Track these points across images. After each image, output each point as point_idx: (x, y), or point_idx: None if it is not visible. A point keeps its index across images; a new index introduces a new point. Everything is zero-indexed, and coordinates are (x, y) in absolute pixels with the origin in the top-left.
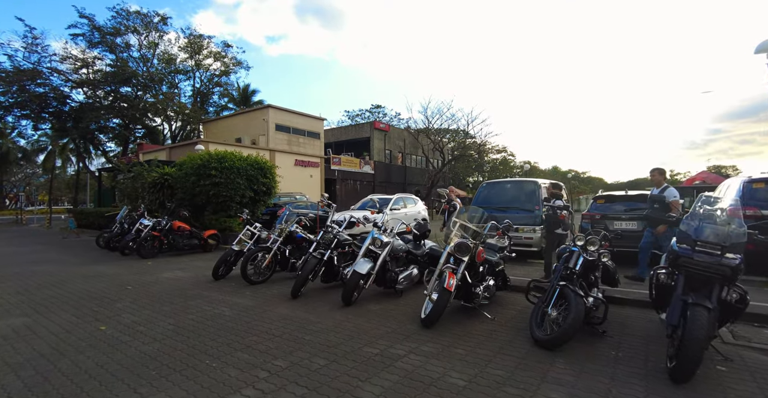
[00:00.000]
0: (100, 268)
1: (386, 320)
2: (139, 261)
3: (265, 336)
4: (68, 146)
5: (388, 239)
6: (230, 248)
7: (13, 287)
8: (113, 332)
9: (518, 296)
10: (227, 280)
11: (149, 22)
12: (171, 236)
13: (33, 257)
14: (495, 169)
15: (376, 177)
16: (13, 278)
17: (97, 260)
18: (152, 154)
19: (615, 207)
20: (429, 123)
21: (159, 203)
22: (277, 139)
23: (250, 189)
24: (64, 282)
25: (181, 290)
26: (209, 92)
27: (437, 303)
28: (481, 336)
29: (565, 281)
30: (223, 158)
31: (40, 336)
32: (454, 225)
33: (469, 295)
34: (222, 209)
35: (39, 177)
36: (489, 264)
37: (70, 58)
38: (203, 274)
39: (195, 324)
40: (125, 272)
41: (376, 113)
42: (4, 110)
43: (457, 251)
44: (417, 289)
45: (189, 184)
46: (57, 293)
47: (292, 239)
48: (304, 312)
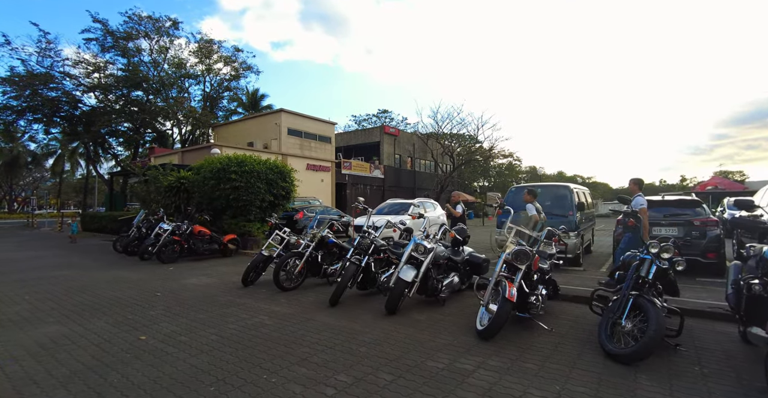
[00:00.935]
0: (123, 273)
1: (438, 331)
2: (159, 266)
3: (316, 348)
4: (78, 150)
5: (432, 245)
6: (259, 254)
7: (40, 293)
8: (155, 342)
9: (566, 305)
10: (257, 286)
11: (160, 27)
12: (191, 241)
13: (51, 262)
14: (501, 174)
15: (385, 182)
16: (37, 283)
17: (117, 265)
18: (164, 158)
19: (653, 213)
20: (439, 127)
21: (175, 207)
22: (289, 143)
23: (270, 193)
24: (90, 288)
25: (213, 297)
26: (219, 97)
27: (498, 314)
28: (546, 348)
29: (638, 291)
30: (242, 161)
31: (80, 346)
32: (510, 231)
33: (524, 305)
34: (241, 214)
35: (47, 181)
36: (541, 272)
37: (82, 62)
38: (230, 280)
39: (238, 334)
40: (149, 277)
41: (383, 118)
42: (16, 114)
43: (515, 259)
44: (458, 297)
45: (208, 188)
46: (86, 300)
47: (324, 245)
48: (348, 321)
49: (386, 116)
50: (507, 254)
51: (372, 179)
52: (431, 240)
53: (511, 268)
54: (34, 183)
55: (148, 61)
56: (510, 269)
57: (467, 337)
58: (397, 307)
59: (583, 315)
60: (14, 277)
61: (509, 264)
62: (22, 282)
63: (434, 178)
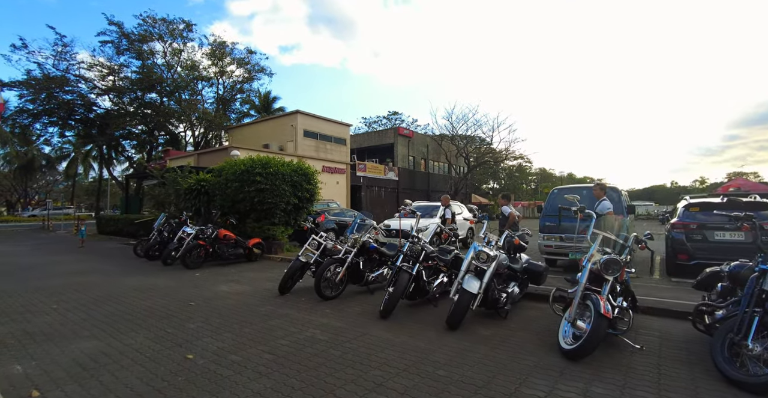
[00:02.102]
0: (149, 280)
1: (514, 349)
2: (185, 272)
3: (389, 370)
4: (91, 153)
5: (494, 252)
6: (296, 260)
7: (68, 301)
8: (205, 362)
9: (642, 318)
10: (295, 294)
11: (174, 30)
12: (217, 245)
13: (73, 267)
14: (511, 176)
15: (400, 184)
16: (63, 290)
17: (141, 270)
18: (179, 160)
19: (714, 216)
20: (454, 129)
21: (195, 210)
22: (305, 145)
23: (295, 196)
24: (119, 297)
25: (251, 307)
26: (231, 99)
27: (593, 333)
28: (649, 372)
29: (761, 307)
30: (267, 163)
31: (123, 366)
32: (595, 238)
33: (612, 320)
34: (266, 217)
35: (59, 184)
36: (623, 283)
37: (97, 65)
38: (263, 287)
39: (293, 352)
40: (177, 284)
41: (393, 120)
42: (32, 117)
43: (605, 269)
44: (515, 309)
45: (231, 190)
46: (117, 310)
47: (365, 251)
48: (408, 337)
49: (396, 118)
50: (593, 264)
51: (386, 181)
52: (493, 247)
53: (597, 279)
54: (48, 186)
55: (162, 63)
56: (595, 280)
57: (552, 357)
58: (461, 322)
59: (666, 328)
60: (37, 284)
61: (595, 275)
62: (47, 289)
63: (448, 180)
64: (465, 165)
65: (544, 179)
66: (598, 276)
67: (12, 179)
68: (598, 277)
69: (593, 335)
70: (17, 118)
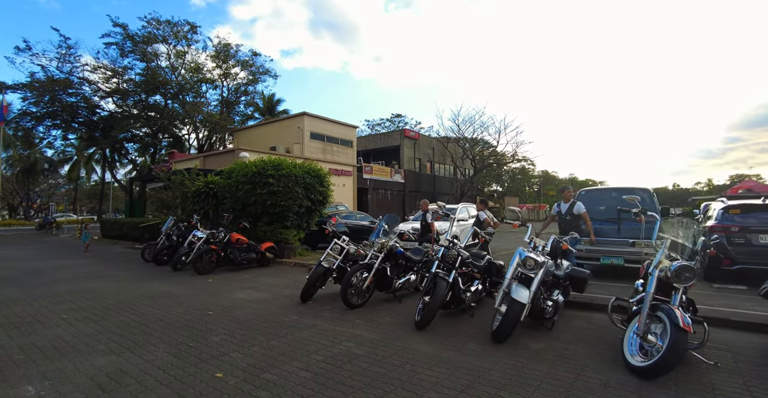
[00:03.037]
0: (160, 286)
1: (573, 366)
2: (196, 278)
3: (446, 392)
4: (93, 156)
5: (542, 258)
6: (318, 265)
7: (77, 310)
8: (237, 382)
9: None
10: (318, 302)
11: (178, 32)
12: (229, 250)
13: (79, 272)
14: (514, 179)
15: (406, 186)
16: (71, 298)
17: (150, 276)
18: (185, 163)
19: (756, 218)
20: (460, 130)
21: (203, 213)
22: (311, 147)
23: (307, 198)
24: (131, 305)
25: (274, 317)
26: (236, 101)
27: (672, 350)
28: (739, 393)
29: None
30: (279, 165)
31: (147, 387)
32: (663, 243)
33: None
34: (278, 220)
35: (61, 187)
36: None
37: (101, 67)
38: (281, 294)
39: (332, 370)
40: (191, 292)
41: (396, 122)
42: (36, 120)
43: (677, 277)
44: (559, 319)
45: (242, 193)
46: (132, 320)
47: (393, 256)
48: (453, 352)
49: (400, 120)
50: (660, 271)
51: (392, 183)
52: (539, 252)
53: (663, 288)
54: (50, 190)
55: (166, 66)
56: (661, 289)
57: (620, 375)
58: (510, 335)
59: (732, 341)
60: (44, 290)
61: (663, 284)
62: (54, 297)
63: (453, 182)
64: (471, 167)
65: (546, 181)
66: (665, 284)
67: (14, 183)
68: (665, 285)
69: (672, 351)
70: (20, 121)
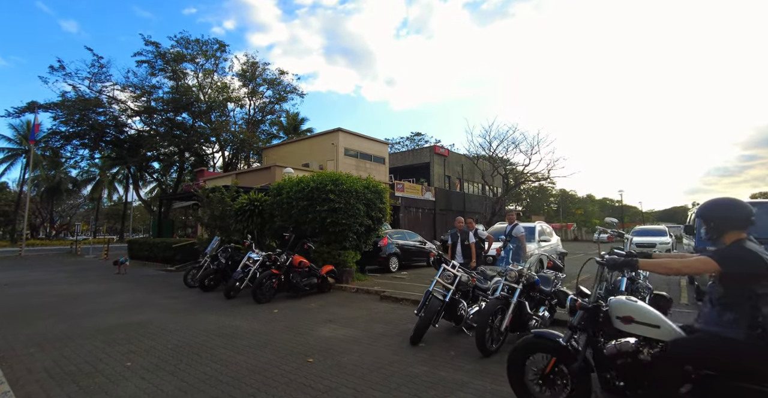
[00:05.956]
0: (225, 320)
1: None
2: (257, 308)
3: None
4: (117, 176)
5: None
6: (432, 298)
7: (141, 354)
8: None
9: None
10: (431, 344)
11: (207, 51)
12: (291, 275)
13: (120, 299)
14: (533, 197)
15: (436, 204)
16: (126, 336)
17: (203, 305)
18: (216, 180)
19: None
20: (491, 147)
21: (247, 233)
22: (345, 164)
23: (368, 216)
24: (204, 347)
25: (398, 368)
26: (262, 120)
27: None
28: None
29: None
30: (337, 179)
31: None
32: None
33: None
34: (336, 240)
35: (81, 207)
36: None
37: (130, 86)
38: (375, 331)
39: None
40: (263, 327)
41: (416, 140)
42: (64, 140)
43: None
44: None
45: (296, 211)
46: (217, 372)
47: (530, 287)
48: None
49: (420, 139)
50: None
51: (423, 201)
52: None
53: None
54: (71, 210)
55: (193, 84)
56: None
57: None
58: None
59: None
60: (89, 324)
61: None
62: (105, 334)
63: (482, 201)
64: (503, 184)
65: (565, 200)
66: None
67: (38, 203)
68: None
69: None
70: (49, 140)
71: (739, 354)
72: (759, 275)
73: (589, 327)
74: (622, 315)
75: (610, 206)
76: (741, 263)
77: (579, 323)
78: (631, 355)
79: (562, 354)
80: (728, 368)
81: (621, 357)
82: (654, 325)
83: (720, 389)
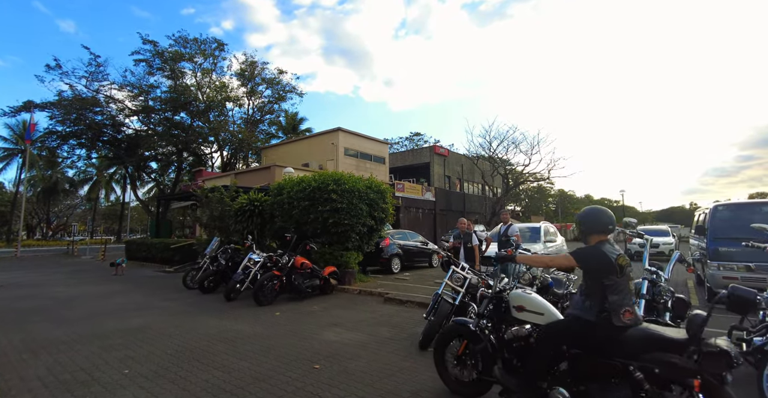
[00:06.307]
0: (226, 324)
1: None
2: (259, 310)
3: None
4: (114, 176)
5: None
6: (442, 301)
7: (140, 360)
8: None
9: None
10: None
11: (206, 50)
12: (293, 276)
13: (118, 302)
14: (532, 197)
15: (436, 205)
16: (124, 341)
17: (203, 307)
18: (215, 180)
19: None
20: (491, 147)
21: (247, 233)
22: (346, 164)
23: (370, 216)
24: (205, 353)
25: (411, 375)
26: (260, 120)
27: None
28: None
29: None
30: (340, 179)
31: None
32: None
33: None
34: (338, 241)
35: (78, 207)
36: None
37: (127, 85)
38: (380, 335)
39: None
40: (265, 331)
41: (416, 141)
42: (61, 139)
43: None
44: None
45: (297, 211)
46: (219, 379)
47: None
48: None
49: (419, 139)
50: None
51: (424, 201)
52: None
53: None
54: (68, 210)
55: (192, 84)
56: None
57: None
58: None
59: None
60: (85, 328)
61: None
62: (102, 338)
63: (482, 201)
64: (503, 184)
65: (563, 200)
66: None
67: (34, 203)
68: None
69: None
70: (45, 140)
71: (592, 332)
72: (605, 271)
73: (494, 315)
74: (517, 305)
75: (608, 206)
76: (591, 260)
77: (484, 311)
78: (525, 339)
79: (471, 337)
80: (586, 345)
81: (516, 341)
82: (539, 312)
83: (584, 364)
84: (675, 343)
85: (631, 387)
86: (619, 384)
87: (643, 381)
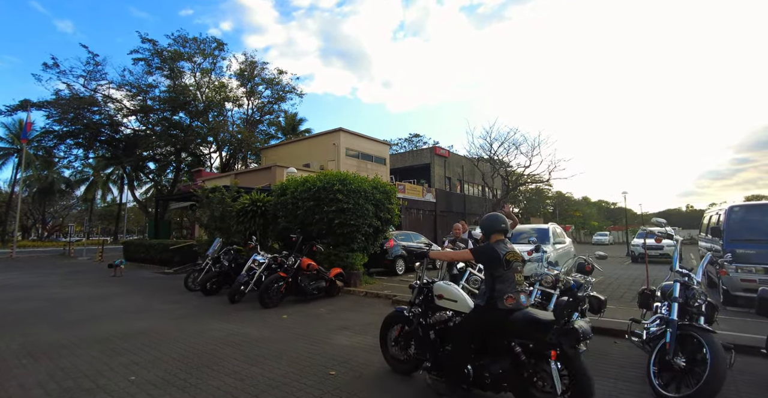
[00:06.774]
0: (232, 327)
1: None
2: (265, 313)
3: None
4: (111, 176)
5: None
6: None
7: (147, 367)
8: None
9: None
10: None
11: (205, 49)
12: (299, 278)
13: (118, 304)
14: (530, 199)
15: (437, 206)
16: (127, 346)
17: (207, 310)
18: (214, 181)
19: None
20: (491, 149)
21: (249, 234)
22: (347, 164)
23: (377, 217)
24: (214, 358)
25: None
26: (260, 120)
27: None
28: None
29: None
30: (345, 179)
31: None
32: None
33: None
34: (343, 242)
35: (74, 208)
36: None
37: (126, 85)
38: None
39: None
40: (275, 335)
41: (415, 142)
42: (58, 139)
43: None
44: None
45: (302, 211)
46: (232, 387)
47: (568, 293)
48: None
49: (418, 140)
50: None
51: (424, 203)
52: None
53: None
54: (63, 211)
55: (191, 84)
56: None
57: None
58: None
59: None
60: (84, 331)
61: None
62: (104, 342)
63: (482, 203)
64: (503, 186)
65: (561, 202)
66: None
67: (30, 204)
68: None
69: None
70: (42, 140)
71: (484, 315)
72: (496, 265)
73: (423, 303)
74: (437, 294)
75: (606, 208)
76: (484, 256)
77: (415, 299)
78: (445, 323)
79: (405, 322)
80: (484, 327)
81: (438, 325)
82: (453, 300)
83: (489, 344)
84: (544, 323)
85: (511, 358)
86: (503, 356)
87: (521, 353)
